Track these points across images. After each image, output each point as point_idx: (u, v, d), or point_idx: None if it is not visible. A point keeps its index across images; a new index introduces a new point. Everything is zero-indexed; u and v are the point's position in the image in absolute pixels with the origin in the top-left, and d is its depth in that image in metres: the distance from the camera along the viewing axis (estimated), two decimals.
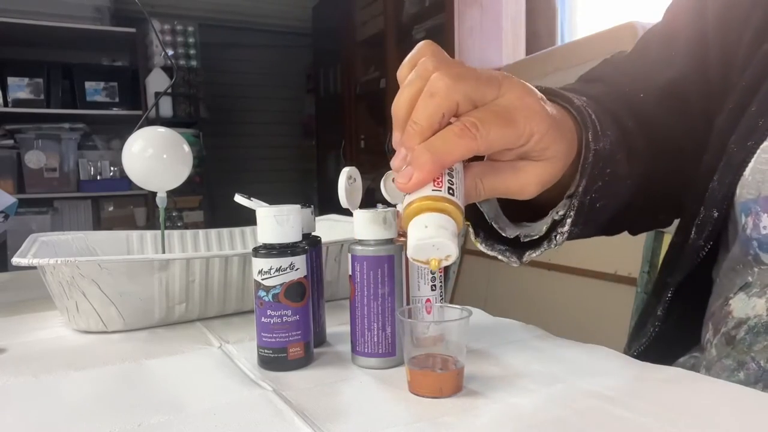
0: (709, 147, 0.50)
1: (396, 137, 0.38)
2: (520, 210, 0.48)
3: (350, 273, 0.45)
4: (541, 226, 0.46)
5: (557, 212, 0.45)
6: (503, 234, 0.48)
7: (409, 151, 0.37)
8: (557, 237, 0.44)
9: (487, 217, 0.49)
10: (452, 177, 0.38)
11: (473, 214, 0.50)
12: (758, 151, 0.43)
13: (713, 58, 0.51)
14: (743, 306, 0.44)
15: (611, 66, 0.59)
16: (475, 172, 0.40)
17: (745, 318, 0.43)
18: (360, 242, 0.45)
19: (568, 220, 0.43)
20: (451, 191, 0.37)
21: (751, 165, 0.43)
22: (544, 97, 0.41)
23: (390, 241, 0.44)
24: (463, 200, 0.38)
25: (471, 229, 0.50)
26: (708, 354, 0.48)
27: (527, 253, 0.47)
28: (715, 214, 0.47)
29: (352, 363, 0.46)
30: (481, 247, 0.49)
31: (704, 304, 0.51)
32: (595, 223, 0.48)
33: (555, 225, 0.45)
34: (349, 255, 0.45)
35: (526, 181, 0.40)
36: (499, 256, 0.49)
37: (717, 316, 0.48)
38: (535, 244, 0.47)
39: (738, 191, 0.45)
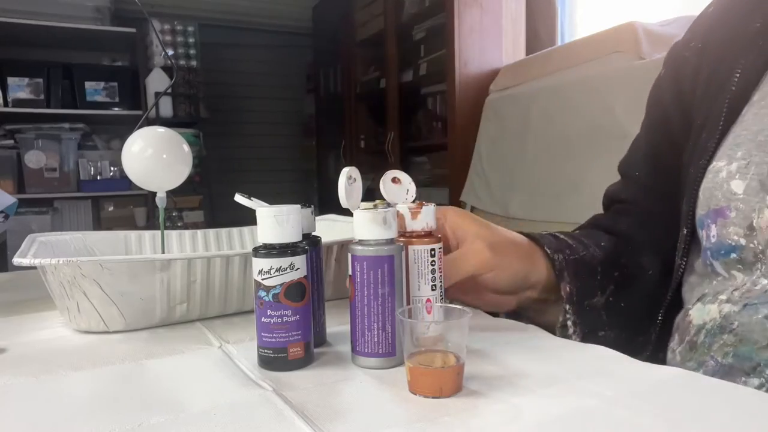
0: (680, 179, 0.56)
1: None
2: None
3: (350, 273, 0.45)
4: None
5: (558, 319, 0.54)
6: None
7: None
8: (573, 338, 0.53)
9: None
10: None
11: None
12: (706, 172, 0.48)
13: (674, 117, 0.58)
14: (700, 314, 0.47)
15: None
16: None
17: (703, 324, 0.46)
18: (360, 242, 0.45)
19: (569, 322, 0.52)
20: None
21: (702, 185, 0.48)
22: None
23: (390, 241, 0.44)
24: None
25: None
26: (673, 359, 0.51)
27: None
28: (685, 231, 0.52)
29: (352, 363, 0.46)
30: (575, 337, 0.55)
31: None
32: (634, 322, 0.55)
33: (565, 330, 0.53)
34: (349, 255, 0.45)
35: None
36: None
37: (681, 327, 0.51)
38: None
39: (696, 210, 0.49)
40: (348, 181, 0.46)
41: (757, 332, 0.40)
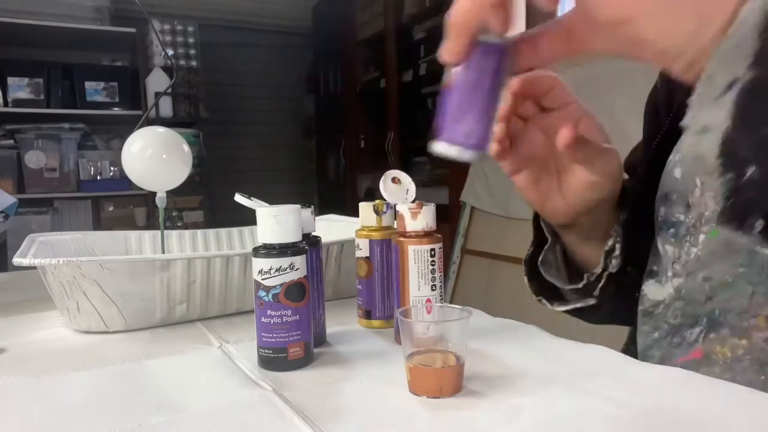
0: None
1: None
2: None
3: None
4: (599, 259, 0.54)
5: (607, 243, 0.53)
6: (578, 286, 0.55)
7: None
8: (612, 261, 0.53)
9: (558, 285, 0.57)
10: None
11: (544, 288, 0.58)
12: (667, 163, 0.51)
13: (665, 122, 0.61)
14: (657, 292, 0.51)
15: None
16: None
17: (661, 299, 0.50)
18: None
19: (618, 245, 0.52)
20: None
21: (663, 175, 0.52)
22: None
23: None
24: None
25: (546, 302, 0.58)
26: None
27: (597, 288, 0.54)
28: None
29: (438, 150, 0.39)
30: (559, 309, 0.58)
31: None
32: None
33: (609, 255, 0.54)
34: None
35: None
36: (578, 304, 0.56)
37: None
38: (599, 276, 0.54)
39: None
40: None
41: (697, 293, 0.45)
